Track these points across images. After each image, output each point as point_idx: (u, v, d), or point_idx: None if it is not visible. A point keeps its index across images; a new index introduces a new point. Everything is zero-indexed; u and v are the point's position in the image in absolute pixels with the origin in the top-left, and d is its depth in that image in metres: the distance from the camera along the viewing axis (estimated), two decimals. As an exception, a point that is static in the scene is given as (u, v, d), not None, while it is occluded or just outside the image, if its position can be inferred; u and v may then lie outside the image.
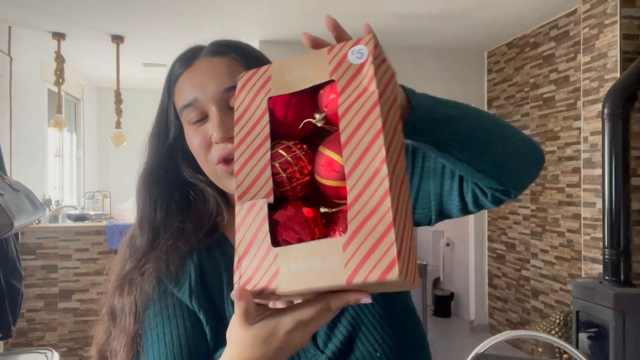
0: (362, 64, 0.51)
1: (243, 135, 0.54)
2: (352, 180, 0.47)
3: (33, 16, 3.54)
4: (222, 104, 0.69)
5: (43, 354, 2.19)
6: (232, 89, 0.66)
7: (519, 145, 0.68)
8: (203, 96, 0.69)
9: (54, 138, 4.91)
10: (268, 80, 0.54)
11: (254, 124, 0.54)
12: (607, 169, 2.55)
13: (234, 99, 0.65)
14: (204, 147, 0.70)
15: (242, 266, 0.49)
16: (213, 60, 0.71)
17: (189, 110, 0.70)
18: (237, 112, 0.55)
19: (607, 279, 2.53)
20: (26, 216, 2.17)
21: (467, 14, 3.52)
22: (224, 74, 0.69)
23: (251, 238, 0.50)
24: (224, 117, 0.68)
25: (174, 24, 3.73)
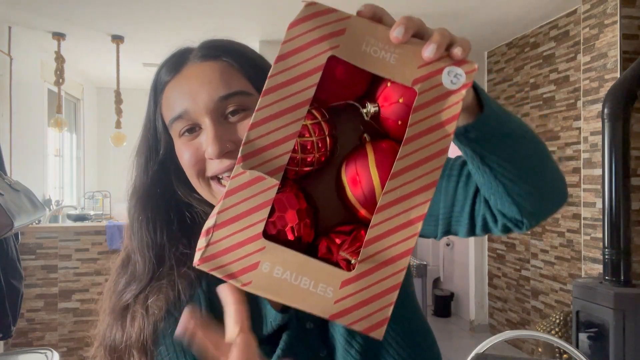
0: (452, 92, 0.44)
1: (282, 82, 0.43)
2: (381, 217, 0.42)
3: (33, 16, 3.54)
4: (216, 115, 0.61)
5: (43, 354, 2.19)
6: (228, 97, 0.61)
7: (556, 181, 0.64)
8: (194, 107, 0.61)
9: (54, 138, 4.91)
10: (340, 33, 0.43)
11: (299, 75, 0.43)
12: (607, 169, 2.55)
13: (231, 106, 0.60)
14: (196, 162, 0.62)
15: (214, 235, 0.42)
16: (204, 66, 0.63)
17: (179, 122, 0.62)
18: (285, 48, 0.44)
19: (607, 279, 2.53)
20: (26, 216, 2.17)
21: (467, 14, 3.52)
22: (216, 81, 0.62)
23: (242, 213, 0.42)
24: (219, 130, 0.60)
25: (174, 24, 3.73)
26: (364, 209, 0.46)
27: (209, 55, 0.64)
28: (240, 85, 0.62)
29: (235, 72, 0.63)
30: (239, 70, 0.64)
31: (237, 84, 0.62)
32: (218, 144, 0.59)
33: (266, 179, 0.42)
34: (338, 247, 0.46)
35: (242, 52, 0.66)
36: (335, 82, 0.46)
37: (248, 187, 0.43)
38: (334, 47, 0.43)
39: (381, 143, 0.47)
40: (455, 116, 0.43)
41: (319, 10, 0.44)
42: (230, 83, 0.62)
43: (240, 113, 0.62)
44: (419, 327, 0.70)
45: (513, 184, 0.59)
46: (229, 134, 0.61)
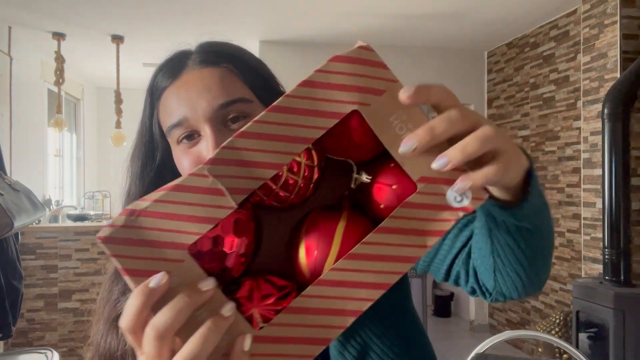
0: (450, 207, 0.39)
1: (297, 108, 0.39)
2: (317, 291, 0.38)
3: (33, 16, 3.54)
4: (216, 123, 0.59)
5: (43, 354, 2.19)
6: (228, 105, 0.59)
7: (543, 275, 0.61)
8: (193, 115, 0.59)
9: (54, 138, 4.91)
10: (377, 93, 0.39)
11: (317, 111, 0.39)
12: (607, 169, 2.55)
13: (231, 113, 0.59)
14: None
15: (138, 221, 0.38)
16: (203, 72, 0.62)
17: (178, 129, 0.61)
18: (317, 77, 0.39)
19: (607, 279, 2.53)
20: (26, 216, 2.17)
21: (467, 14, 3.52)
22: (216, 88, 0.60)
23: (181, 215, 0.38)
24: (219, 138, 0.58)
25: (174, 24, 3.73)
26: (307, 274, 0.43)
27: (208, 61, 0.63)
28: (240, 92, 0.61)
29: (235, 78, 0.62)
30: (239, 77, 0.62)
31: (237, 91, 0.61)
32: None
33: (226, 196, 0.38)
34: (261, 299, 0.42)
35: (241, 58, 0.65)
36: (347, 138, 0.43)
37: (202, 194, 0.38)
38: (364, 104, 0.39)
39: (357, 217, 0.44)
40: (440, 232, 0.39)
41: (371, 59, 0.40)
42: (230, 90, 0.61)
43: (241, 120, 0.60)
44: (412, 330, 0.70)
45: (504, 267, 0.58)
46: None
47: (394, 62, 4.35)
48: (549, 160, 3.61)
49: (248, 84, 0.62)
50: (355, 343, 0.64)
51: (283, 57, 4.01)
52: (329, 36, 3.98)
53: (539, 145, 3.73)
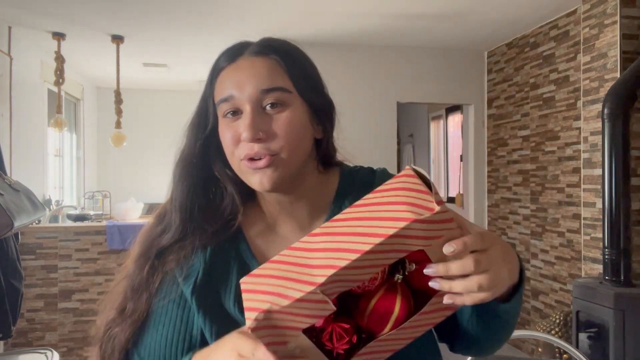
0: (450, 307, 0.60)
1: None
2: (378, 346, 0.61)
3: (33, 16, 3.54)
4: (256, 105, 0.70)
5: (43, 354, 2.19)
6: (269, 91, 0.69)
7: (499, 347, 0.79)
8: (239, 94, 0.70)
9: (54, 138, 4.91)
10: (437, 237, 0.55)
11: (402, 251, 0.55)
12: (607, 169, 2.55)
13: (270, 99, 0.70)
14: (233, 142, 0.71)
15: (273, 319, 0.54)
16: (255, 60, 0.72)
17: (225, 104, 0.72)
18: (402, 231, 0.53)
19: (607, 279, 2.53)
20: (26, 216, 2.17)
21: (467, 14, 3.52)
22: (263, 75, 0.70)
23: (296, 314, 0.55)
24: (256, 118, 0.69)
25: (174, 24, 3.73)
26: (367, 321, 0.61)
27: (261, 51, 0.73)
28: (282, 82, 0.71)
29: (280, 70, 0.72)
30: (283, 69, 0.72)
31: (279, 80, 0.71)
32: (252, 131, 0.68)
33: (329, 304, 0.54)
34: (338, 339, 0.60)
35: (290, 54, 0.74)
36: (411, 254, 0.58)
37: (314, 303, 0.54)
38: (428, 245, 0.55)
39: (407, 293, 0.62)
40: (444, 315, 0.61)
41: (444, 219, 0.54)
42: (273, 79, 0.70)
43: (277, 107, 0.70)
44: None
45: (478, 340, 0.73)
46: (264, 124, 0.69)
47: (394, 62, 4.36)
48: (549, 160, 3.61)
49: (290, 77, 0.72)
50: None
51: (283, 57, 4.01)
52: (329, 36, 3.97)
53: (539, 145, 3.73)
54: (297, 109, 0.72)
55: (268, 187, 0.71)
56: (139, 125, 5.98)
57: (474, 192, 4.51)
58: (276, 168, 0.70)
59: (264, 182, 0.70)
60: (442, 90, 4.44)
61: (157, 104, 6.28)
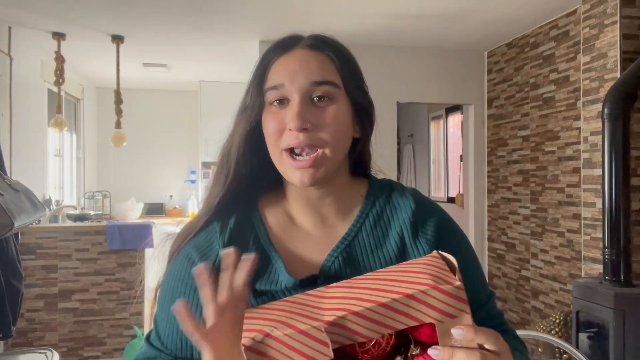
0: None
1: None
2: None
3: (33, 16, 3.54)
4: (305, 95, 0.71)
5: (43, 354, 2.19)
6: (320, 84, 0.71)
7: None
8: (290, 84, 0.71)
9: (54, 138, 4.91)
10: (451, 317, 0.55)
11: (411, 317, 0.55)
12: (607, 169, 2.55)
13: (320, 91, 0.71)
14: (277, 131, 0.72)
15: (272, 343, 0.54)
16: (309, 53, 0.74)
17: (273, 92, 0.72)
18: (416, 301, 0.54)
19: (607, 279, 2.53)
20: (26, 216, 2.17)
21: (467, 14, 3.52)
22: (315, 68, 0.72)
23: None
24: (304, 108, 0.70)
25: (174, 24, 3.73)
26: None
27: (316, 46, 0.75)
28: (333, 77, 0.73)
29: (332, 65, 0.74)
30: (335, 65, 0.74)
31: (331, 75, 0.73)
32: (300, 120, 0.69)
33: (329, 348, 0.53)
34: None
35: (342, 52, 0.77)
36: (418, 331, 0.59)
37: (315, 341, 0.54)
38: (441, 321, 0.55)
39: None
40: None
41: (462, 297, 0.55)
42: (325, 73, 0.72)
43: (325, 100, 0.72)
44: None
45: None
46: (311, 115, 0.70)
47: (394, 62, 4.36)
48: (549, 160, 3.61)
49: (340, 73, 0.74)
50: None
51: (283, 57, 4.01)
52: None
53: (539, 145, 3.73)
54: (343, 105, 0.73)
55: (308, 184, 0.72)
56: (139, 125, 5.99)
57: (474, 192, 4.51)
58: (319, 167, 0.71)
59: (305, 179, 0.71)
60: (442, 90, 4.44)
61: (157, 104, 6.28)
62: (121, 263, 3.56)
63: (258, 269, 0.74)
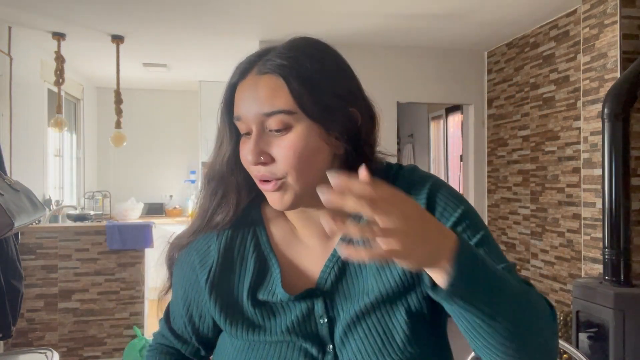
0: None
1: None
2: None
3: (33, 16, 3.54)
4: (260, 127, 0.68)
5: (43, 354, 2.19)
6: (269, 115, 0.67)
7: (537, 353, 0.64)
8: (246, 115, 0.69)
9: (54, 138, 4.91)
10: None
11: None
12: (607, 169, 2.55)
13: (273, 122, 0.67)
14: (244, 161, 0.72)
15: None
16: (259, 80, 0.69)
17: (238, 123, 0.72)
18: None
19: (607, 279, 2.53)
20: (26, 216, 2.17)
21: (467, 14, 3.52)
22: (263, 97, 0.67)
23: None
24: (258, 142, 0.68)
25: (174, 24, 3.73)
26: None
27: (266, 69, 0.69)
28: (283, 104, 0.67)
29: (284, 89, 0.67)
30: (287, 88, 0.67)
31: (281, 102, 0.67)
32: (251, 155, 0.68)
33: None
34: None
35: (298, 69, 0.68)
36: None
37: None
38: None
39: None
40: None
41: None
42: (274, 101, 0.67)
43: (281, 130, 0.67)
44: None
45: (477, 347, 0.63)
46: (267, 146, 0.68)
47: (394, 62, 4.36)
48: (549, 160, 3.61)
49: (295, 96, 0.67)
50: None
51: (283, 57, 4.01)
52: (329, 36, 3.92)
53: (539, 145, 3.73)
54: (302, 130, 0.67)
55: (281, 208, 0.72)
56: (139, 125, 5.98)
57: (474, 192, 4.51)
58: (285, 191, 0.69)
59: (276, 204, 0.71)
60: (442, 90, 4.44)
61: (157, 104, 6.28)
62: (121, 263, 3.56)
63: (259, 276, 0.75)
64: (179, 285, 0.81)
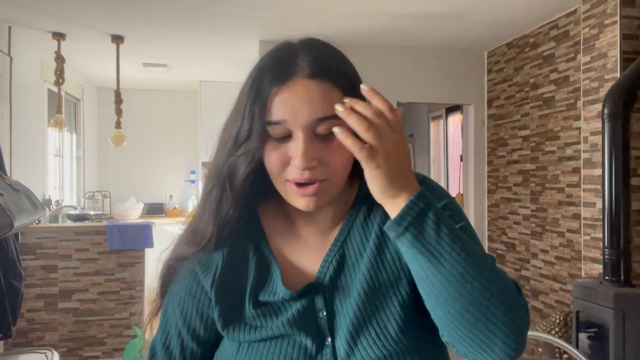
0: None
1: None
2: None
3: (33, 16, 3.54)
4: (309, 131, 0.67)
5: (43, 354, 2.19)
6: (324, 119, 0.67)
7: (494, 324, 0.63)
8: (293, 120, 0.67)
9: (54, 138, 4.91)
10: None
11: None
12: (607, 169, 2.55)
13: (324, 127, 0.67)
14: (280, 164, 0.69)
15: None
16: (310, 85, 0.68)
17: (275, 127, 0.68)
18: None
19: (607, 279, 2.53)
20: (26, 216, 2.17)
21: (467, 14, 3.52)
22: (318, 102, 0.67)
23: None
24: (309, 146, 0.67)
25: (174, 24, 3.73)
26: None
27: (316, 74, 0.69)
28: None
29: (336, 94, 0.68)
30: (339, 93, 0.69)
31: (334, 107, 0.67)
32: (305, 160, 0.67)
33: None
34: None
35: (345, 73, 0.72)
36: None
37: None
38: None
39: None
40: None
41: None
42: (329, 106, 0.67)
43: (331, 134, 0.66)
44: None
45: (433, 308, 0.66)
46: (316, 150, 0.68)
47: (394, 62, 4.36)
48: (549, 160, 3.61)
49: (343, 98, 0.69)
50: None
51: (283, 57, 4.00)
52: (329, 36, 3.95)
53: (539, 145, 3.73)
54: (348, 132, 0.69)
55: (313, 210, 0.71)
56: (139, 125, 5.99)
57: (474, 192, 4.51)
58: (323, 194, 0.70)
59: (309, 206, 0.70)
60: (442, 90, 4.44)
61: (157, 104, 6.28)
62: (121, 263, 3.56)
63: (260, 278, 0.75)
64: (177, 300, 0.78)
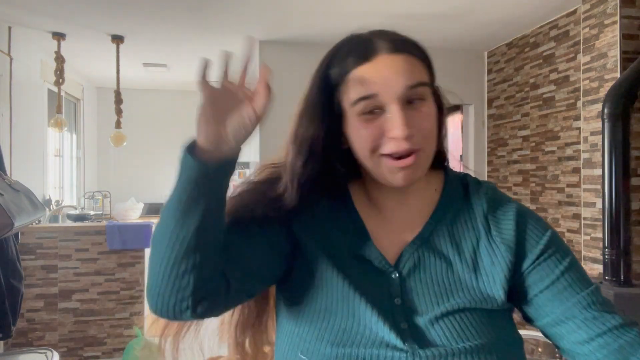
0: None
1: None
2: None
3: (33, 16, 3.54)
4: (403, 101, 0.70)
5: (43, 354, 2.19)
6: (415, 86, 0.70)
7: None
8: (384, 93, 0.69)
9: (54, 138, 4.91)
10: None
11: None
12: (607, 169, 2.55)
13: (415, 94, 0.70)
14: (374, 140, 0.71)
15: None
16: (396, 58, 0.71)
17: (365, 103, 0.70)
18: None
19: (607, 279, 2.53)
20: (26, 216, 2.17)
21: (467, 14, 3.52)
22: (407, 71, 0.70)
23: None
24: (406, 114, 0.69)
25: (174, 24, 3.73)
26: None
27: (399, 48, 0.72)
28: (423, 77, 0.73)
29: (419, 65, 0.73)
30: (421, 64, 0.74)
31: (421, 75, 0.72)
32: (406, 128, 0.68)
33: None
34: None
35: (420, 48, 0.76)
36: None
37: None
38: None
39: None
40: None
41: None
42: (416, 74, 0.71)
43: (420, 102, 0.71)
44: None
45: None
46: (410, 119, 0.70)
47: (394, 62, 4.35)
48: (549, 160, 3.61)
49: (426, 70, 0.75)
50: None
51: (283, 57, 4.01)
52: (329, 36, 3.96)
53: (539, 145, 3.73)
54: (432, 101, 0.74)
55: (408, 184, 0.73)
56: (139, 125, 5.98)
57: (474, 192, 4.51)
58: (417, 166, 0.71)
59: (407, 179, 0.71)
60: (442, 90, 4.43)
61: (157, 104, 6.28)
62: (121, 263, 3.56)
63: (354, 241, 0.77)
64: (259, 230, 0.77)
